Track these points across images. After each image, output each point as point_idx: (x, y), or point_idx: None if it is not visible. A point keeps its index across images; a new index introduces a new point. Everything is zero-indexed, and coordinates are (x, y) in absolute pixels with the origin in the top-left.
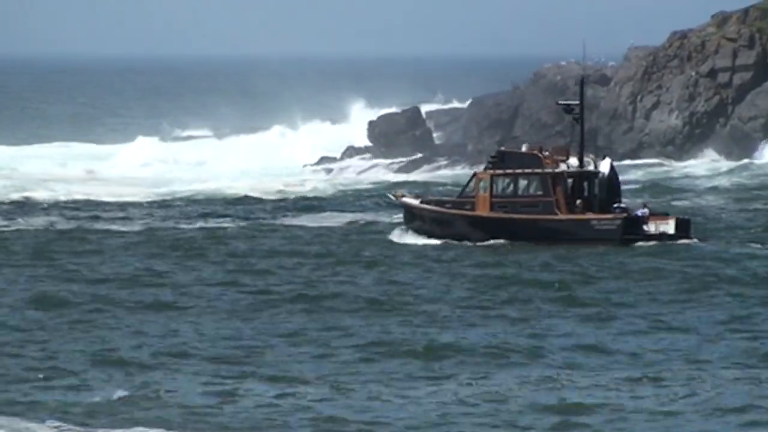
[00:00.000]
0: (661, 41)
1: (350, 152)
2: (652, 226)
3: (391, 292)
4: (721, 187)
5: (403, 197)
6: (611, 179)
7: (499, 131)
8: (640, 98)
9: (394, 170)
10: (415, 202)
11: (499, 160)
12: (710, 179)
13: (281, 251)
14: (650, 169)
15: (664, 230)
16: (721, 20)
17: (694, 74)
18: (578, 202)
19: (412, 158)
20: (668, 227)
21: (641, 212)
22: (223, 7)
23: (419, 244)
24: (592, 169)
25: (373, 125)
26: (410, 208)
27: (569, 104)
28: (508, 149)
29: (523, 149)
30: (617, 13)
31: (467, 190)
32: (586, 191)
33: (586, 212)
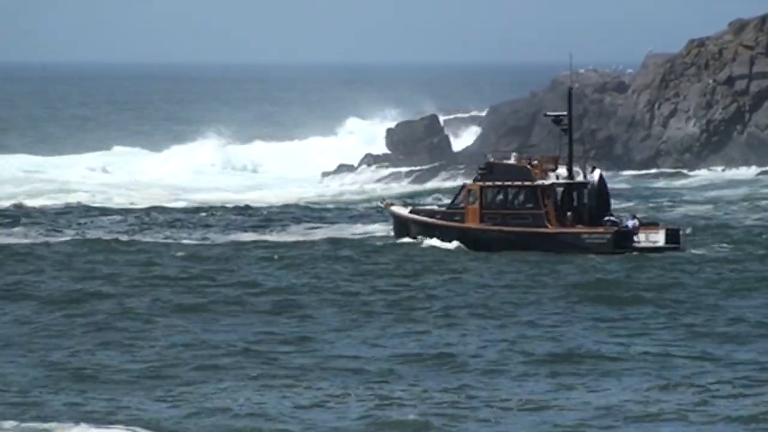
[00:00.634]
0: (678, 49)
1: (368, 160)
2: (642, 236)
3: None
4: (735, 195)
5: (391, 205)
6: (601, 190)
7: (516, 138)
8: (657, 106)
9: (411, 178)
10: (404, 211)
11: (488, 171)
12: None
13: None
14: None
15: (654, 240)
16: (738, 28)
17: (711, 82)
18: (568, 214)
19: (429, 166)
20: (658, 238)
21: (631, 223)
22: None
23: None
24: (581, 179)
25: (391, 133)
26: (400, 218)
27: (558, 115)
28: (496, 161)
29: (511, 160)
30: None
31: (457, 201)
32: (575, 202)
33: (576, 224)
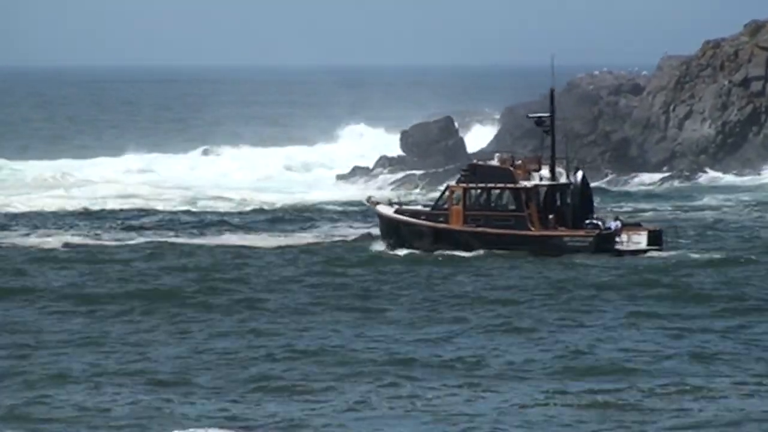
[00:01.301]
0: (694, 50)
1: (383, 162)
2: (624, 237)
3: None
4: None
5: (377, 204)
6: (583, 191)
7: (531, 140)
8: (673, 107)
9: (426, 180)
10: (389, 211)
11: (471, 173)
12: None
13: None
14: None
15: (636, 242)
16: (754, 29)
17: (727, 83)
18: (550, 216)
19: (444, 168)
20: (640, 239)
21: (613, 225)
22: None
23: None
24: (564, 180)
25: (405, 135)
26: (386, 218)
27: (540, 117)
28: (479, 162)
29: (494, 162)
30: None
31: (440, 202)
32: (558, 203)
33: (558, 226)
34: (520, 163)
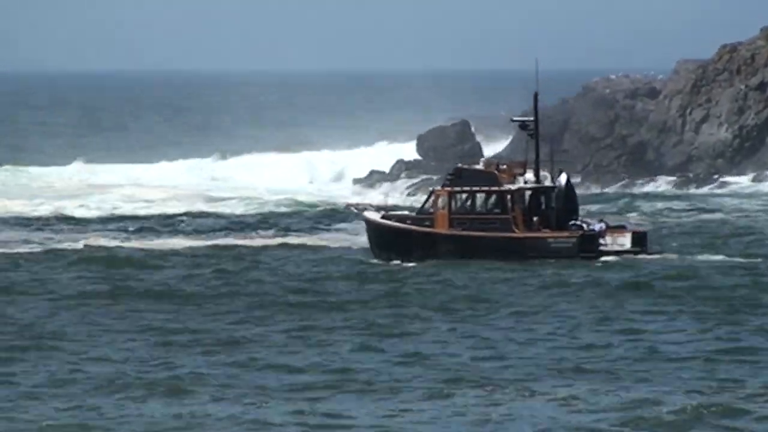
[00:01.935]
0: (710, 54)
1: (400, 166)
2: (609, 239)
3: None
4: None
5: (364, 210)
6: (568, 193)
7: (547, 145)
8: (689, 111)
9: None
10: (376, 216)
11: (456, 177)
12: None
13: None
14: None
15: (621, 244)
16: None
17: (743, 87)
18: (535, 219)
19: None
20: (624, 240)
21: (598, 227)
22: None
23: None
24: (548, 183)
25: (422, 139)
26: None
27: (524, 120)
28: (464, 166)
29: (479, 166)
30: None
31: (426, 207)
32: (543, 206)
33: (542, 229)
34: (505, 166)
